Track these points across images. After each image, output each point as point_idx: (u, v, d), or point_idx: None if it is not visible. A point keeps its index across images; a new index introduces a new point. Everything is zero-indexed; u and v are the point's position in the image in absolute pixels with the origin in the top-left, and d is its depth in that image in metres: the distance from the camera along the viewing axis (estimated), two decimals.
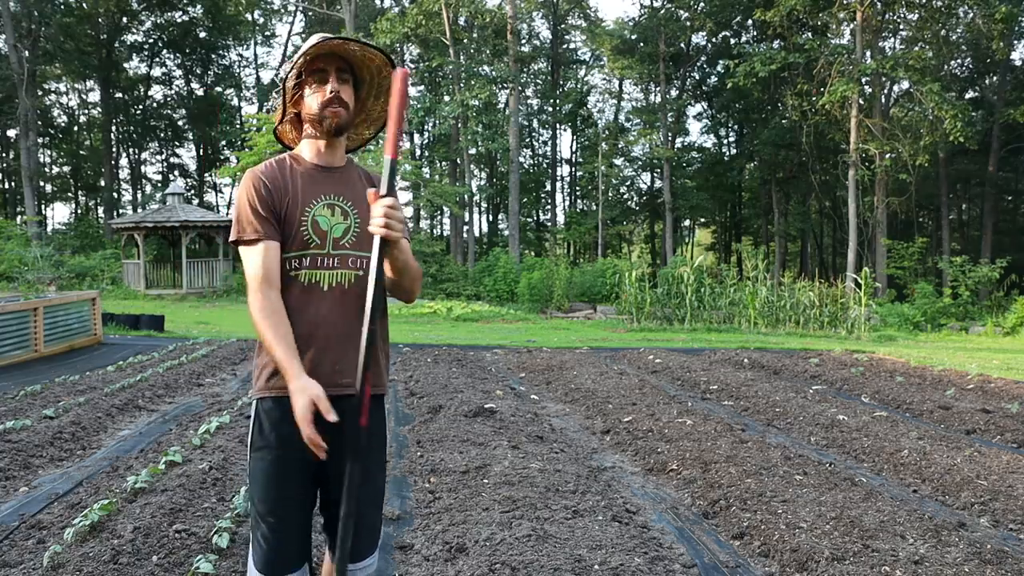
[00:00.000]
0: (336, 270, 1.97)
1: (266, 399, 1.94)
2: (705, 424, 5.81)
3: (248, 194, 1.93)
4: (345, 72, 2.01)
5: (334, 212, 2.00)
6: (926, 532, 3.53)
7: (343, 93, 1.98)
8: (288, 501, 1.92)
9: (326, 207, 2.00)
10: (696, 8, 32.99)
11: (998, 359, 11.53)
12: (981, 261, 23.48)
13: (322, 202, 1.99)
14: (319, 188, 2.00)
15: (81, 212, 43.33)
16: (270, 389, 1.93)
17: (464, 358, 9.74)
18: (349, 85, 2.02)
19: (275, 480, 1.91)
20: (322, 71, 1.98)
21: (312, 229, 1.96)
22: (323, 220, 1.98)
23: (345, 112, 1.99)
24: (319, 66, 1.98)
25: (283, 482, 1.91)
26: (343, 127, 2.00)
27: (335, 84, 1.97)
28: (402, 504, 3.98)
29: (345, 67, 2.02)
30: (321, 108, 1.96)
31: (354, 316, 1.93)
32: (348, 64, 2.03)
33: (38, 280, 14.68)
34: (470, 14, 30.83)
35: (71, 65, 35.37)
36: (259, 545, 1.93)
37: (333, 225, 1.99)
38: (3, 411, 5.82)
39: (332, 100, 1.96)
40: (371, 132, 2.22)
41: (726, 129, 41.43)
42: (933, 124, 24.84)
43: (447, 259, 28.43)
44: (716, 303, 17.23)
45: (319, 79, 1.98)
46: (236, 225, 1.93)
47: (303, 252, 1.95)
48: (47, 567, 2.95)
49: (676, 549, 3.46)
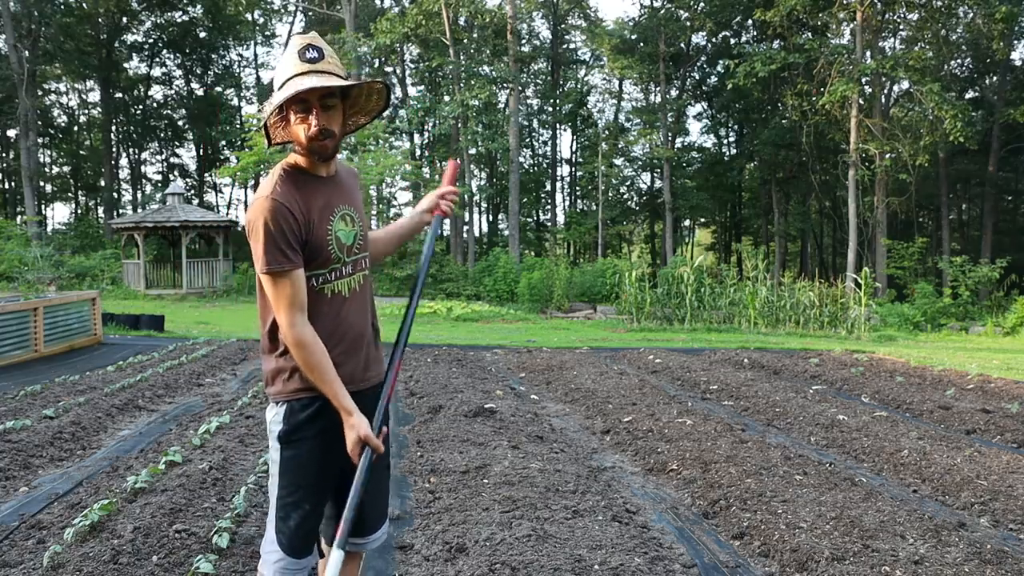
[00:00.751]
0: (352, 276, 2.05)
1: (302, 399, 2.00)
2: (705, 424, 5.81)
3: (273, 223, 1.88)
4: (330, 97, 1.93)
5: (346, 222, 2.05)
6: (926, 532, 3.53)
7: (329, 123, 1.93)
8: (322, 488, 2.05)
9: (341, 220, 2.03)
10: (696, 8, 32.98)
11: (998, 359, 11.53)
12: (981, 261, 23.47)
13: (337, 215, 2.02)
14: (330, 201, 2.01)
15: (81, 212, 43.32)
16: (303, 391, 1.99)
17: (464, 358, 9.74)
18: (336, 108, 1.96)
19: (312, 468, 2.01)
20: (304, 102, 1.90)
21: (336, 246, 2.01)
22: (343, 234, 2.03)
23: (332, 142, 1.95)
24: (301, 96, 1.89)
25: (320, 470, 2.02)
26: (331, 157, 1.99)
27: (319, 119, 1.90)
28: (402, 504, 3.98)
29: (331, 92, 1.93)
30: (308, 141, 1.92)
31: (365, 313, 2.11)
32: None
33: (38, 280, 14.67)
34: (470, 14, 30.81)
35: (71, 65, 35.36)
36: (289, 530, 2.00)
37: (348, 234, 2.05)
38: (3, 411, 5.82)
39: (318, 135, 1.91)
40: (366, 120, 2.17)
41: (726, 129, 41.42)
42: (933, 124, 24.83)
43: (447, 259, 28.44)
44: (716, 303, 17.22)
45: (302, 109, 1.91)
46: (265, 256, 1.88)
47: (331, 268, 2.00)
48: (47, 567, 2.95)
49: (676, 549, 3.46)
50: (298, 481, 2.00)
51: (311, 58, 1.90)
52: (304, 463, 2.00)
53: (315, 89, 1.88)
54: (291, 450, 2.00)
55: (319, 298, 1.99)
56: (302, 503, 2.00)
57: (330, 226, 1.99)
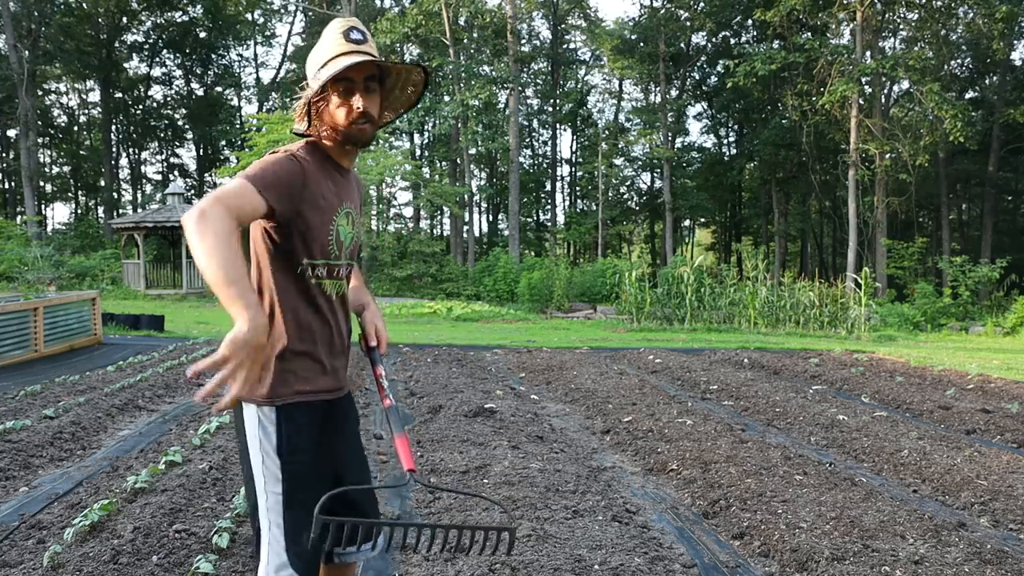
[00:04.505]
0: (340, 280, 1.97)
1: (300, 405, 1.87)
2: (705, 424, 5.81)
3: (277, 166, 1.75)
4: (373, 80, 1.88)
5: (348, 222, 1.96)
6: (926, 532, 3.53)
7: (371, 107, 1.87)
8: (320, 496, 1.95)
9: (344, 216, 1.94)
10: (696, 8, 33.01)
11: (998, 359, 11.53)
12: (981, 261, 23.47)
13: (342, 211, 1.93)
14: (341, 194, 1.93)
15: (81, 212, 43.36)
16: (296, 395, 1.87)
17: (464, 358, 9.74)
18: (376, 92, 1.90)
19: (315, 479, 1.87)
20: (349, 81, 1.84)
21: (335, 239, 1.91)
22: (343, 231, 1.94)
23: (371, 128, 1.88)
24: (347, 75, 1.83)
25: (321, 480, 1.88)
26: (368, 142, 1.92)
27: (363, 100, 1.84)
28: (402, 504, 3.98)
29: (374, 74, 1.88)
30: (348, 124, 1.85)
31: (347, 320, 2.03)
32: (378, 69, 1.90)
33: (38, 280, 14.68)
34: (470, 14, 30.85)
35: (71, 65, 35.39)
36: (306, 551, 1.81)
37: (347, 235, 1.96)
38: (3, 411, 5.82)
39: (359, 117, 1.84)
40: (390, 117, 2.07)
41: (726, 129, 41.44)
42: (933, 124, 24.85)
43: (447, 259, 28.44)
44: (716, 303, 17.22)
45: (345, 90, 1.84)
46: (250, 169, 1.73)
47: (325, 261, 1.90)
48: (47, 567, 2.95)
49: (676, 549, 3.46)
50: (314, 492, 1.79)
51: (356, 39, 1.84)
52: (310, 474, 1.87)
53: (363, 64, 1.82)
54: (296, 462, 1.85)
55: (318, 291, 1.89)
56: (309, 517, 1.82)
57: (335, 217, 1.90)
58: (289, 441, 1.84)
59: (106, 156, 37.68)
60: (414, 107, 2.05)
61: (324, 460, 1.94)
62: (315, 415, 1.91)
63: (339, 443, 2.00)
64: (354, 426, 2.08)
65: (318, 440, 1.92)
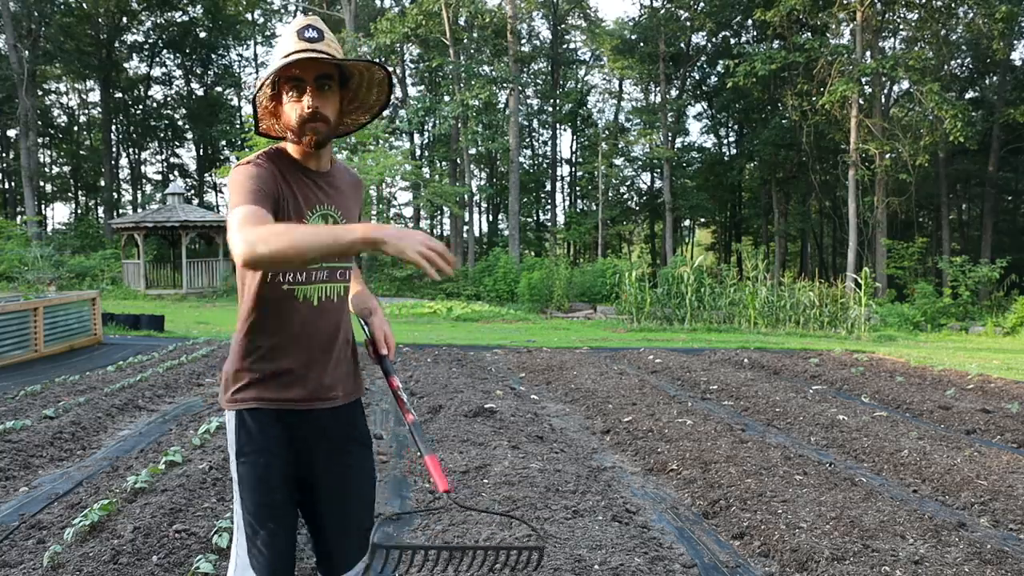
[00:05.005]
0: (326, 284, 1.91)
1: (258, 411, 1.88)
2: (705, 424, 5.81)
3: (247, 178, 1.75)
4: (330, 79, 1.82)
5: (326, 223, 1.89)
6: (926, 532, 3.53)
7: (323, 107, 1.80)
8: (284, 505, 1.91)
9: (320, 218, 1.88)
10: (696, 8, 33.00)
11: (998, 359, 11.53)
12: (981, 261, 23.47)
13: (317, 213, 1.88)
14: (313, 197, 1.88)
15: (81, 212, 43.35)
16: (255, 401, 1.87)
17: (464, 358, 9.74)
18: (332, 91, 1.84)
19: (268, 484, 1.88)
20: (298, 79, 1.79)
21: None
22: None
23: (325, 127, 1.82)
24: (295, 73, 1.78)
25: (276, 485, 1.89)
26: (322, 143, 1.85)
27: (313, 99, 1.79)
28: (402, 504, 3.98)
29: (330, 73, 1.82)
30: (299, 124, 1.80)
31: (336, 329, 1.95)
32: (338, 69, 1.85)
33: (38, 280, 14.68)
34: (470, 14, 30.83)
35: (71, 65, 35.39)
36: (260, 553, 1.86)
37: None
38: (3, 411, 5.82)
39: (310, 117, 1.79)
40: (367, 118, 2.03)
41: (726, 129, 41.43)
42: (933, 124, 24.85)
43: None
44: (716, 303, 17.22)
45: (296, 89, 1.80)
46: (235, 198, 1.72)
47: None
48: (47, 567, 2.95)
49: (676, 549, 3.46)
50: (264, 497, 1.86)
51: (310, 37, 1.78)
52: (264, 477, 1.86)
53: (308, 62, 1.76)
54: (249, 464, 1.86)
55: (286, 302, 1.84)
56: (268, 522, 1.86)
57: (306, 221, 1.84)
58: (241, 443, 1.88)
59: (106, 156, 37.68)
60: (385, 107, 2.00)
61: (286, 468, 1.90)
62: (276, 422, 1.88)
63: (320, 454, 1.94)
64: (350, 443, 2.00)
65: (276, 447, 1.88)
